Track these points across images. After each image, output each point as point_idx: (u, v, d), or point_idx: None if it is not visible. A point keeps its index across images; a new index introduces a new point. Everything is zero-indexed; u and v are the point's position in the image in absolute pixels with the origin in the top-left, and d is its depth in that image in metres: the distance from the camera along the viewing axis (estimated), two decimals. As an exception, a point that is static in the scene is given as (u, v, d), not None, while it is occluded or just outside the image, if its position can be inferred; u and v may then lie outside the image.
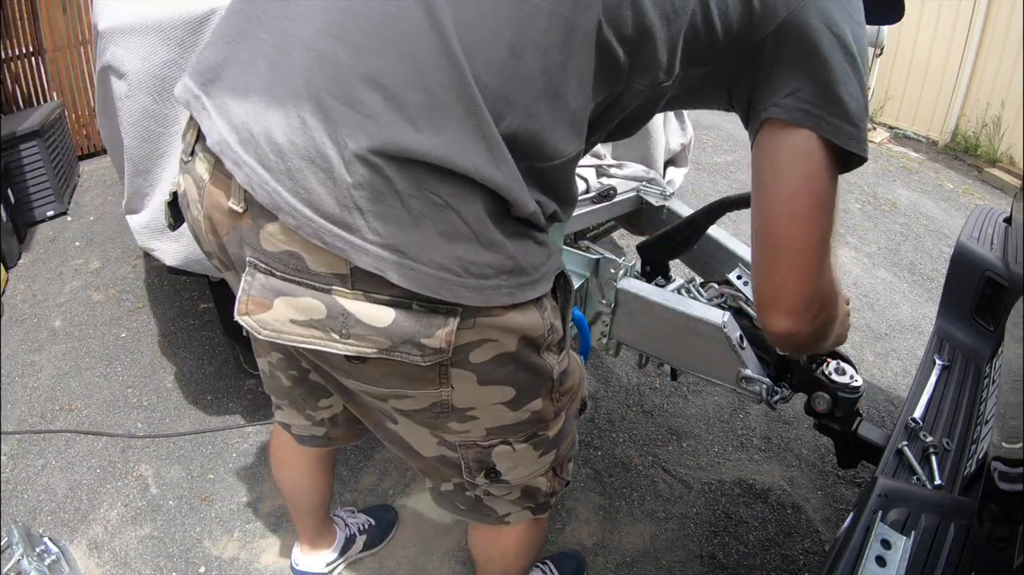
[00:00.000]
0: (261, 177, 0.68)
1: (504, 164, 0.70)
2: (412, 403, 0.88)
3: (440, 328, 0.74)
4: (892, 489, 1.01)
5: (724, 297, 1.51)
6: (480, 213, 0.71)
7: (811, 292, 0.86)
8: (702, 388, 2.52)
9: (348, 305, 0.72)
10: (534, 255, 0.80)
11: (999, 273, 1.70)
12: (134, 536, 1.88)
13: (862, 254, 3.69)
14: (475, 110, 0.68)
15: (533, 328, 0.83)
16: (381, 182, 0.66)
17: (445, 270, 0.70)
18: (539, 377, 0.91)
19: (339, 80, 0.67)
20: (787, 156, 0.83)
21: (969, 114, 5.66)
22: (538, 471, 1.05)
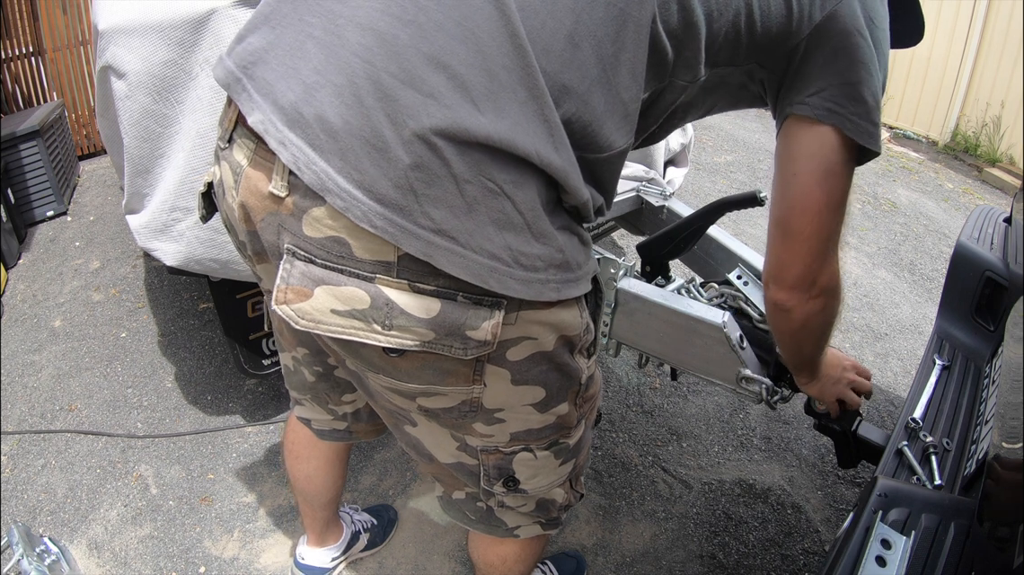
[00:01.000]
0: (309, 157, 0.66)
1: (563, 148, 0.70)
2: (441, 401, 0.85)
3: (486, 320, 0.73)
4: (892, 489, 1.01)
5: (724, 297, 1.51)
6: (534, 202, 0.70)
7: (813, 274, 0.93)
8: (702, 388, 2.52)
9: (393, 295, 0.70)
10: (579, 252, 0.81)
11: (999, 273, 1.70)
12: (134, 536, 1.88)
13: (862, 254, 3.69)
14: (537, 94, 0.67)
15: (573, 326, 0.85)
16: (439, 164, 0.65)
17: (496, 259, 0.69)
18: (569, 379, 0.92)
19: (400, 60, 0.65)
20: (807, 153, 0.87)
21: (969, 114, 5.66)
22: (556, 481, 1.04)
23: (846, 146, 0.87)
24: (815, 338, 1.07)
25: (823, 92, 0.86)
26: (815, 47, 0.86)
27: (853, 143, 0.87)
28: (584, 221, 0.85)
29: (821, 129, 0.87)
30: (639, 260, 1.72)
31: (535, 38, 0.68)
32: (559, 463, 1.02)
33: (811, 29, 0.85)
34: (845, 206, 0.92)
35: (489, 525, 1.13)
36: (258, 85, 0.71)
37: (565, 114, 0.72)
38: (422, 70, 0.65)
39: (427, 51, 0.65)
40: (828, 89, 0.86)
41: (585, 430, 1.04)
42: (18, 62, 3.90)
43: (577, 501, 1.16)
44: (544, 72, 0.68)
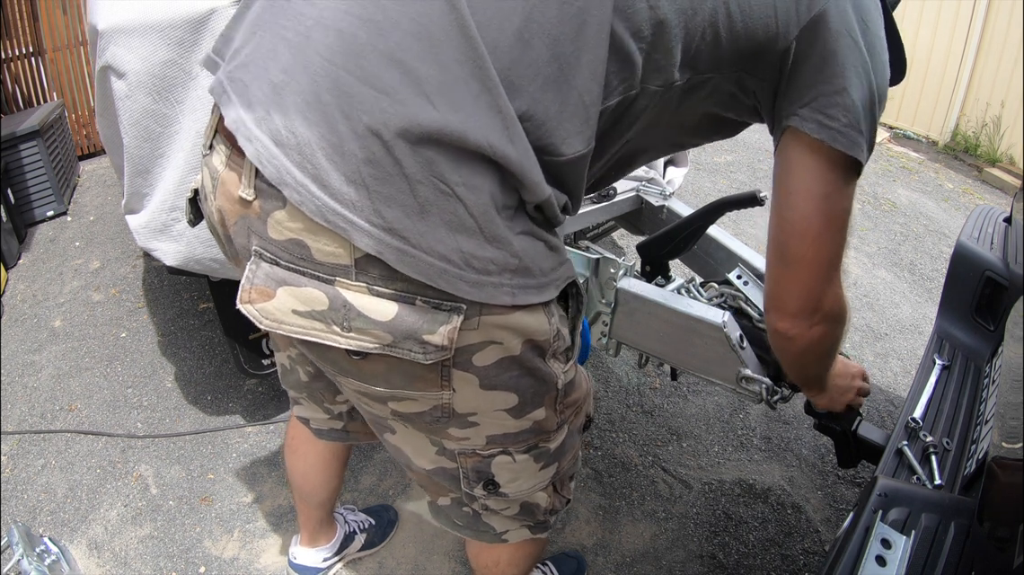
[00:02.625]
0: (271, 152, 0.68)
1: (519, 140, 0.69)
2: (413, 406, 0.86)
3: (443, 325, 0.73)
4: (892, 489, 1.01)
5: (724, 297, 1.51)
6: (487, 206, 0.70)
7: (814, 301, 0.92)
8: (702, 388, 2.52)
9: (350, 297, 0.71)
10: (543, 259, 0.78)
11: (999, 273, 1.70)
12: (134, 536, 1.88)
13: (862, 254, 3.69)
14: (490, 85, 0.67)
15: (539, 332, 0.82)
16: (391, 162, 0.66)
17: (447, 260, 0.69)
18: (543, 385, 0.89)
19: (358, 58, 0.67)
20: (801, 173, 0.86)
21: (969, 114, 5.66)
22: (538, 485, 1.03)
23: (842, 162, 0.84)
24: (819, 361, 1.08)
25: (815, 102, 0.82)
26: (805, 51, 0.82)
27: (849, 157, 0.84)
28: (553, 224, 0.82)
29: (814, 145, 0.83)
30: (639, 260, 1.72)
31: (484, 34, 0.68)
32: (540, 467, 1.00)
33: (799, 31, 0.82)
34: (847, 227, 0.91)
35: (476, 531, 1.12)
36: (236, 87, 0.73)
37: (516, 111, 0.70)
38: (378, 67, 0.66)
39: (383, 48, 0.66)
40: (820, 98, 0.82)
41: (569, 435, 1.02)
42: (18, 62, 3.90)
43: (563, 506, 1.14)
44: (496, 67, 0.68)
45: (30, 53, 3.95)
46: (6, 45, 3.80)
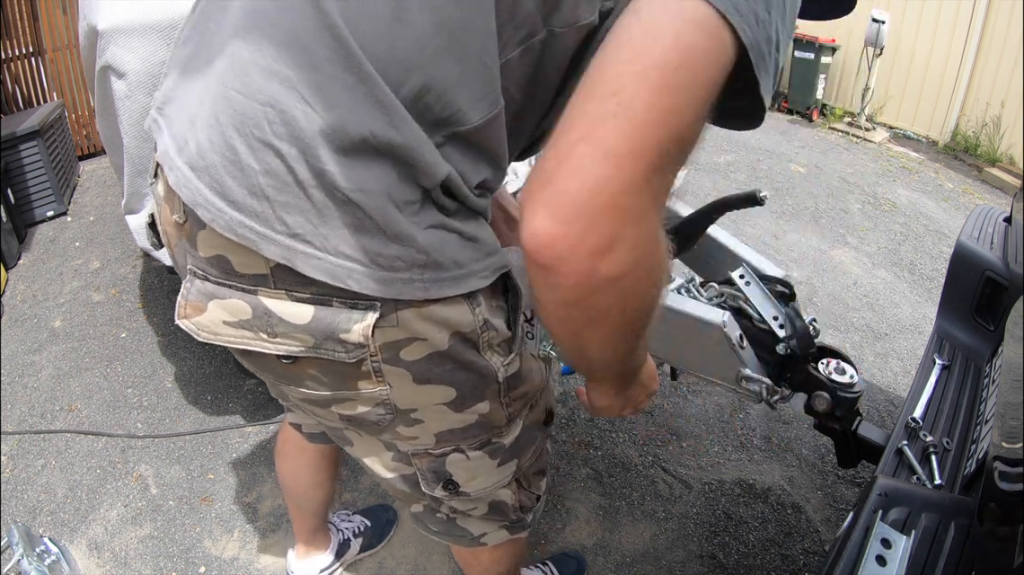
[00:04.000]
0: (186, 176, 0.72)
1: (403, 124, 0.68)
2: (356, 407, 0.87)
3: (358, 323, 0.74)
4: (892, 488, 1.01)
5: (724, 297, 1.51)
6: (384, 206, 0.69)
7: (614, 190, 0.54)
8: (702, 388, 2.52)
9: (271, 304, 0.74)
10: (456, 251, 0.76)
11: (999, 273, 1.70)
12: (134, 536, 1.88)
13: (862, 254, 3.69)
14: (364, 77, 0.66)
15: (462, 324, 0.80)
16: (284, 170, 0.67)
17: (352, 260, 0.70)
18: (481, 378, 0.88)
19: (243, 75, 0.69)
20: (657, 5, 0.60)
21: (969, 114, 5.66)
22: (499, 483, 1.02)
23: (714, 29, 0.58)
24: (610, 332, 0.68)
25: None
26: None
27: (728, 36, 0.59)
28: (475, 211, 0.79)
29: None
30: (639, 260, 1.72)
31: (356, 26, 0.67)
32: (497, 464, 0.99)
33: None
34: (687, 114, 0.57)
35: (453, 535, 1.13)
36: (165, 120, 0.77)
37: (412, 89, 0.68)
38: (259, 81, 0.68)
39: (263, 63, 0.68)
40: None
41: (526, 430, 1.00)
42: (18, 62, 3.90)
43: (534, 503, 1.14)
44: (375, 56, 0.67)
45: (30, 53, 3.95)
46: (6, 45, 3.80)
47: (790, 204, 4.28)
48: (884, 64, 5.96)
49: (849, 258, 3.63)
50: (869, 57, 5.82)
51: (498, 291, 0.86)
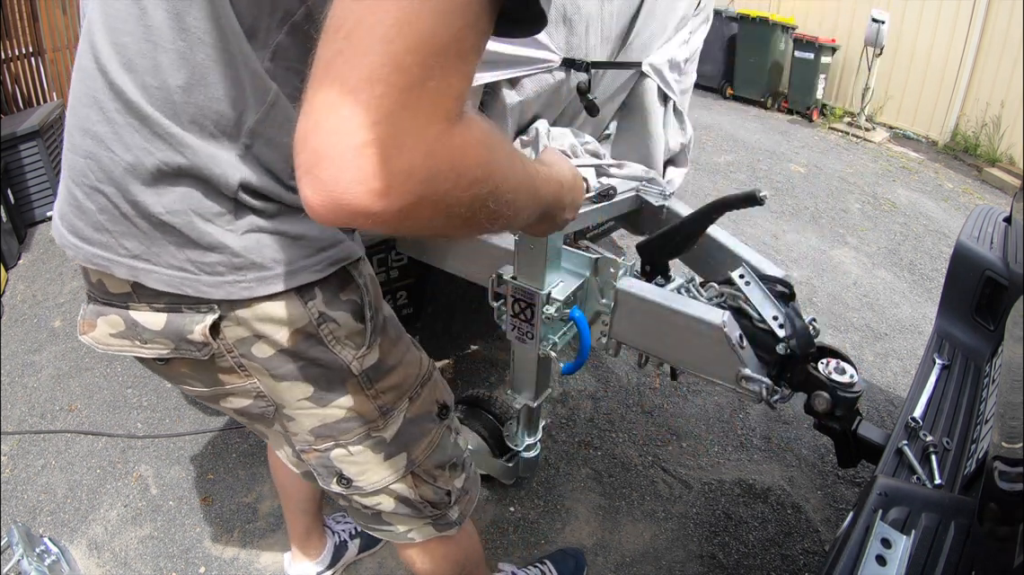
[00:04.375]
0: (56, 224, 0.86)
1: (186, 148, 0.75)
2: (237, 401, 0.95)
3: (198, 324, 0.82)
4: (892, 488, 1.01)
5: (724, 297, 1.51)
6: (192, 221, 0.77)
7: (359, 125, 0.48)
8: (702, 388, 2.52)
9: (136, 316, 0.85)
10: (278, 251, 0.81)
11: (999, 272, 1.70)
12: (134, 536, 1.88)
13: (862, 254, 3.69)
14: (144, 117, 0.74)
15: (296, 319, 0.85)
16: (112, 207, 0.78)
17: (183, 270, 0.79)
18: (333, 372, 0.91)
19: (71, 138, 0.80)
20: None
21: (969, 114, 5.67)
22: (392, 477, 1.04)
23: None
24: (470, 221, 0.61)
25: None
26: None
27: None
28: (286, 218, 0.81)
29: None
30: (639, 260, 1.72)
31: (132, 70, 0.74)
32: (383, 457, 1.01)
33: None
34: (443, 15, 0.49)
35: (382, 531, 1.16)
36: None
37: (192, 110, 0.75)
38: (79, 140, 0.78)
39: (80, 125, 0.78)
40: None
41: (410, 423, 1.03)
42: (18, 62, 3.90)
43: (446, 498, 1.13)
44: (152, 89, 0.74)
45: (30, 53, 3.95)
46: (6, 45, 3.80)
47: (790, 204, 4.29)
48: (884, 64, 5.97)
49: (849, 258, 3.63)
50: (869, 57, 5.83)
51: (349, 284, 0.90)
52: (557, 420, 2.32)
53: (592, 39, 1.83)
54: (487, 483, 2.04)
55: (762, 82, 6.62)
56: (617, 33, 1.92)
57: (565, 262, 1.49)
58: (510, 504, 1.99)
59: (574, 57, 1.81)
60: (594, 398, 2.44)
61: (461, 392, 2.41)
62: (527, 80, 1.77)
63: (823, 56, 6.09)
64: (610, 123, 2.32)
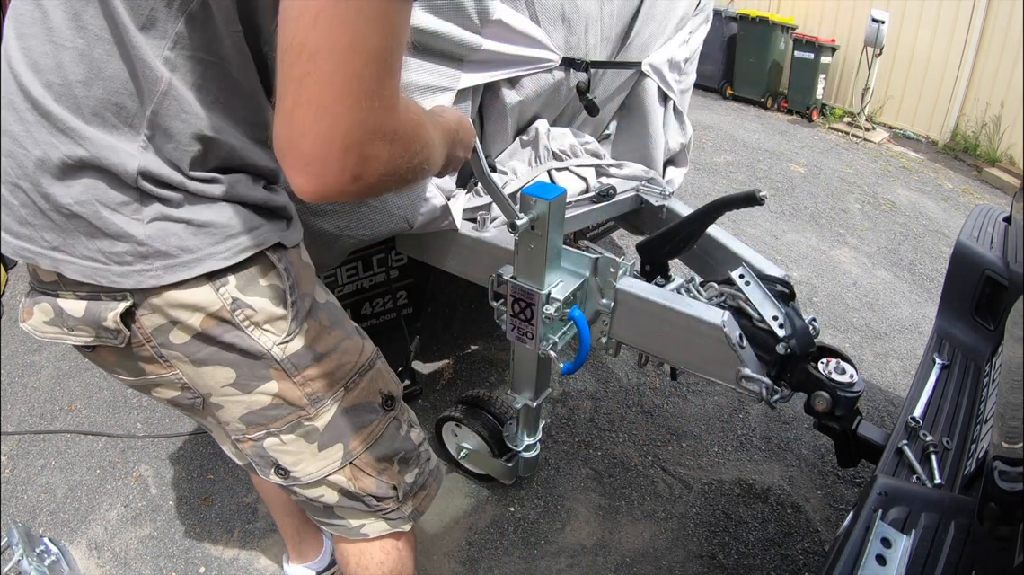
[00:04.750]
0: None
1: (85, 141, 0.78)
2: (167, 391, 0.98)
3: (111, 311, 0.85)
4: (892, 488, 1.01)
5: (724, 296, 1.51)
6: (97, 212, 0.80)
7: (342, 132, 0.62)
8: (702, 388, 2.52)
9: (63, 304, 0.88)
10: (183, 240, 0.83)
11: (999, 272, 1.70)
12: (134, 536, 1.88)
13: (862, 254, 3.69)
14: (47, 113, 0.78)
15: (207, 304, 0.87)
16: (30, 202, 0.81)
17: (95, 261, 0.83)
18: (253, 357, 0.92)
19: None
20: None
21: (968, 114, 5.67)
22: (329, 468, 1.04)
23: None
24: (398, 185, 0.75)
25: None
26: None
27: None
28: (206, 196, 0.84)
29: None
30: (639, 260, 1.72)
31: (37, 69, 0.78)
32: (316, 447, 1.02)
33: None
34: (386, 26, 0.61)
35: (335, 526, 1.16)
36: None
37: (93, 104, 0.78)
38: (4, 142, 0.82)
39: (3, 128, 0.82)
40: None
41: (345, 413, 1.02)
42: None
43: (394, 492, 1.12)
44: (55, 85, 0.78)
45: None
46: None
47: (790, 204, 4.29)
48: (884, 64, 5.97)
49: (849, 258, 3.63)
50: (869, 57, 5.83)
51: (270, 270, 0.91)
52: (557, 420, 2.32)
53: (591, 39, 1.83)
54: (487, 483, 2.04)
55: (762, 82, 6.62)
56: (617, 33, 1.92)
57: (565, 262, 1.49)
58: (510, 504, 1.99)
59: (574, 57, 1.81)
60: (594, 398, 2.44)
61: (461, 392, 2.41)
62: (527, 80, 1.77)
63: (823, 56, 6.09)
64: (610, 123, 2.32)
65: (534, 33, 1.66)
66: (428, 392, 2.44)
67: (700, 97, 6.92)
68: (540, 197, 1.29)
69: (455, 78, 1.56)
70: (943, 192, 4.82)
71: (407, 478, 1.15)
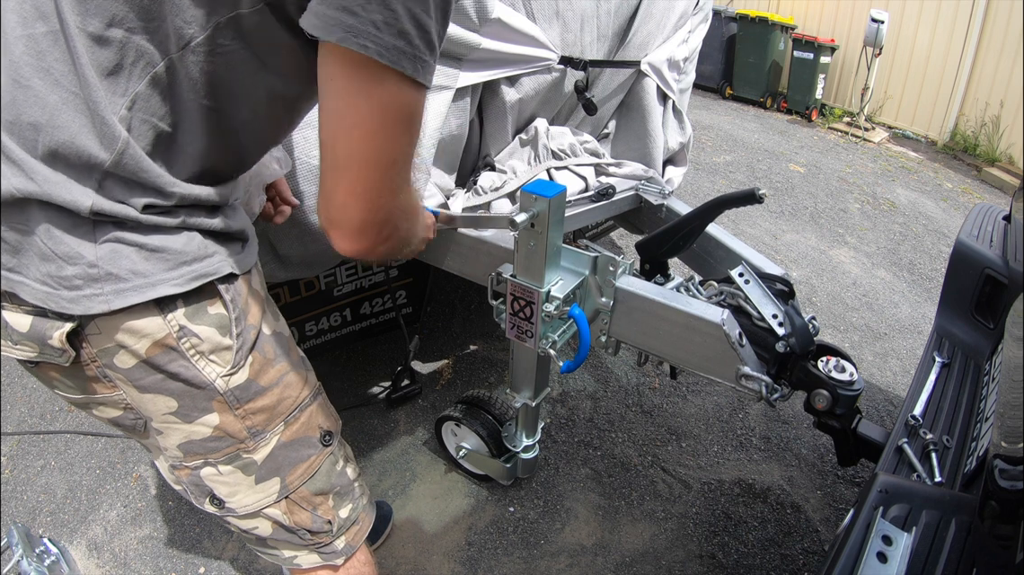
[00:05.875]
0: None
1: (37, 175, 0.77)
2: (108, 411, 0.97)
3: (57, 330, 0.84)
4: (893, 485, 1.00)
5: (723, 295, 1.51)
6: (49, 232, 0.80)
7: (378, 214, 0.84)
8: (701, 388, 2.52)
9: (8, 317, 0.86)
10: (136, 263, 0.82)
11: (999, 270, 1.70)
12: (134, 536, 1.88)
13: (861, 254, 3.69)
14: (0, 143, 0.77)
15: (155, 331, 0.86)
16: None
17: (45, 284, 0.82)
18: (198, 388, 0.91)
19: None
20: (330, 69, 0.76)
21: (968, 114, 5.67)
22: (264, 500, 1.03)
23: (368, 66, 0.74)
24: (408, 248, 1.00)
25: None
26: None
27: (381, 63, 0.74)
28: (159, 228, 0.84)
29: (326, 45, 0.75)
30: (638, 258, 1.72)
31: None
32: (253, 480, 1.01)
33: None
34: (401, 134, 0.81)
35: (269, 554, 1.15)
36: None
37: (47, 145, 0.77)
38: None
39: None
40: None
41: (281, 447, 1.01)
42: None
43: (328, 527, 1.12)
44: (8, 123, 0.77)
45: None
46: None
47: (789, 204, 4.29)
48: (883, 64, 5.97)
49: (848, 258, 3.63)
50: (868, 57, 5.83)
51: (217, 299, 0.90)
52: (557, 420, 2.32)
53: (587, 36, 1.83)
54: (486, 483, 2.04)
55: (761, 82, 6.62)
56: (614, 31, 1.92)
57: (564, 260, 1.49)
58: (510, 504, 1.99)
59: (570, 55, 1.81)
60: (593, 398, 2.44)
61: (460, 392, 2.41)
62: (525, 78, 1.77)
63: (822, 56, 6.09)
64: (609, 122, 2.32)
65: (533, 32, 1.66)
66: (427, 392, 2.44)
67: (699, 97, 6.93)
68: (540, 194, 1.29)
69: (454, 77, 1.56)
70: (942, 192, 4.82)
71: (341, 513, 1.14)
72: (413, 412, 2.35)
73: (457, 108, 1.62)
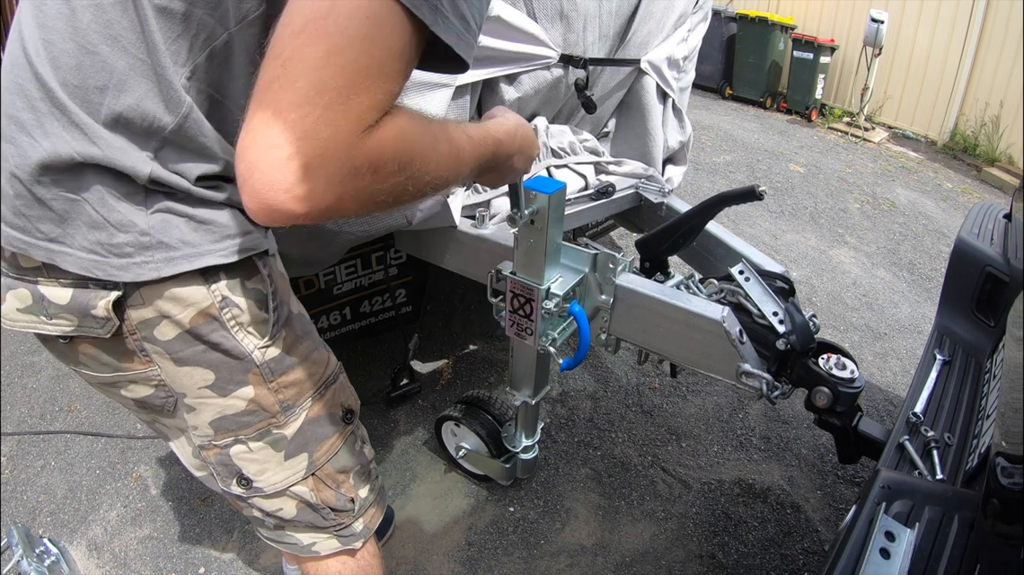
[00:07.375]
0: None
1: (100, 140, 0.78)
2: (139, 390, 0.97)
3: (102, 299, 0.85)
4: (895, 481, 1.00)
5: (723, 293, 1.51)
6: (103, 199, 0.81)
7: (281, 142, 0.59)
8: (701, 388, 2.52)
9: (45, 291, 0.87)
10: (185, 233, 0.84)
11: (999, 268, 1.69)
12: (134, 537, 1.88)
13: (861, 254, 3.69)
14: (62, 107, 0.78)
15: (198, 300, 0.87)
16: (27, 192, 0.81)
17: (94, 253, 0.82)
18: (235, 359, 0.93)
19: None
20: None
21: (968, 113, 5.67)
22: (292, 478, 1.04)
23: None
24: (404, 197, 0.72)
25: None
26: None
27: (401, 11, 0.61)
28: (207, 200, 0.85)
29: None
30: (638, 256, 1.72)
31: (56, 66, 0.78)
32: (283, 456, 1.02)
33: None
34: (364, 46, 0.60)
35: (285, 543, 1.16)
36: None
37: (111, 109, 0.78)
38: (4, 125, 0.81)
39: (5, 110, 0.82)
40: None
41: (312, 423, 1.03)
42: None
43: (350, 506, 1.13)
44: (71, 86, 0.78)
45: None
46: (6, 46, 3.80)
47: (789, 204, 4.28)
48: (883, 64, 5.98)
49: (848, 258, 3.63)
50: (868, 57, 5.83)
51: (255, 274, 0.92)
52: (556, 420, 2.32)
53: (590, 36, 1.83)
54: (486, 483, 2.04)
55: (761, 82, 6.62)
56: (615, 30, 1.92)
57: (564, 258, 1.49)
58: (510, 504, 1.99)
59: (572, 54, 1.81)
60: (593, 398, 2.43)
61: (460, 392, 2.41)
62: (525, 76, 1.77)
63: (822, 56, 6.10)
64: (609, 121, 2.32)
65: (532, 30, 1.66)
66: (427, 391, 2.44)
67: (699, 97, 6.93)
68: (540, 191, 1.29)
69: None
70: (942, 192, 4.82)
71: (361, 492, 1.16)
72: (413, 412, 2.34)
73: (456, 106, 1.62)
